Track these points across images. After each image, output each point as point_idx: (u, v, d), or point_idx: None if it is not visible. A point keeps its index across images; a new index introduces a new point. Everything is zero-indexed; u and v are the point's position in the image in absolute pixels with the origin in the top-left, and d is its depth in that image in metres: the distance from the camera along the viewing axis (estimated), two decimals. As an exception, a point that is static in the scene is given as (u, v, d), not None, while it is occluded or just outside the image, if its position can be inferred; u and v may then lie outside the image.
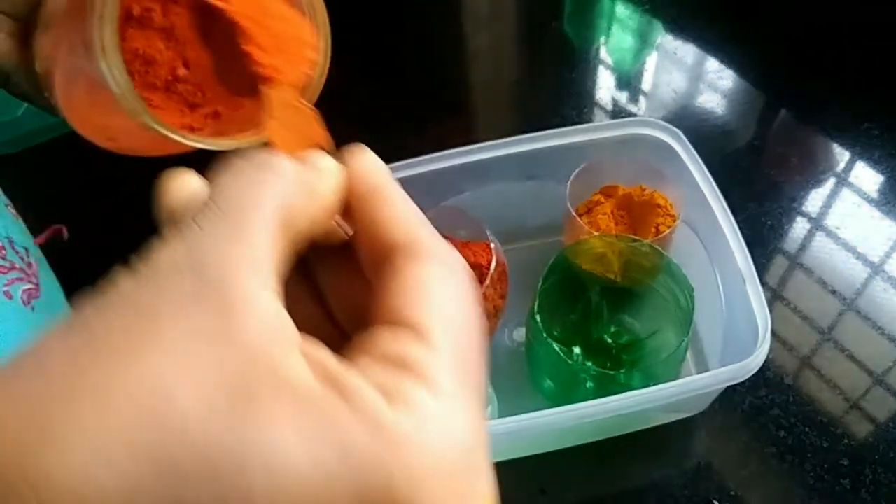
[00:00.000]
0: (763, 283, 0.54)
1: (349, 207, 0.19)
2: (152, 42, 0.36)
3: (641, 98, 0.74)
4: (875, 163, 0.64)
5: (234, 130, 0.39)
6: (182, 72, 0.38)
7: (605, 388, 0.46)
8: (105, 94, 0.30)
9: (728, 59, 0.75)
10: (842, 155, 0.66)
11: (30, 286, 0.37)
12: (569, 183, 0.52)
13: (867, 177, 0.64)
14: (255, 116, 0.39)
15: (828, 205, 0.62)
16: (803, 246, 0.60)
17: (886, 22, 0.76)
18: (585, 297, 0.54)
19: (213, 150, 0.36)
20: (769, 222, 0.61)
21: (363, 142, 0.69)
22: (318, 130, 0.27)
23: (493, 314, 0.50)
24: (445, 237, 0.50)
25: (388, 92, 0.77)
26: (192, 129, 0.38)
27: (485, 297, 0.50)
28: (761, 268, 0.59)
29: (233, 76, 0.39)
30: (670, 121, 0.53)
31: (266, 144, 0.28)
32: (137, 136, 0.37)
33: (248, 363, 0.13)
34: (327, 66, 0.39)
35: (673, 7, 0.81)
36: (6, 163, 0.75)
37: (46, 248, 0.48)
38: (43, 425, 0.12)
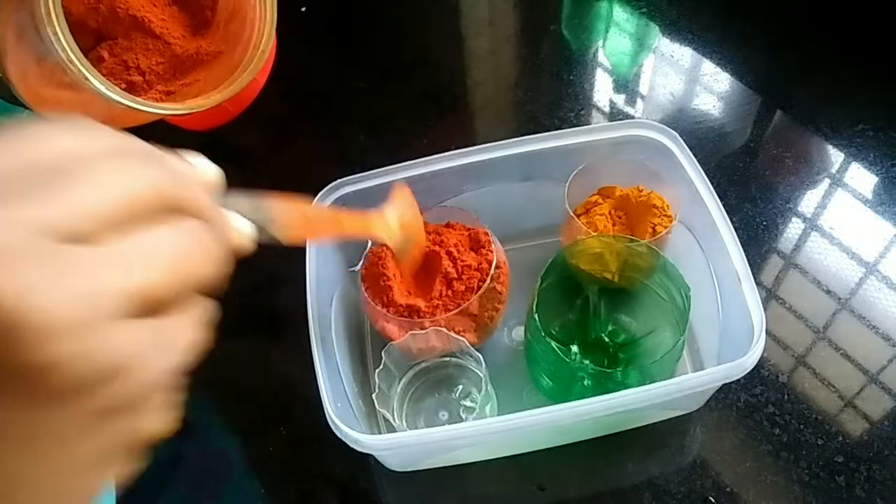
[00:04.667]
0: (758, 283, 0.55)
1: None
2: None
3: (639, 100, 0.74)
4: (870, 164, 0.65)
5: (182, 98, 0.40)
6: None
7: (603, 386, 0.47)
8: (55, 66, 0.31)
9: (724, 61, 0.75)
10: (836, 156, 0.66)
11: None
12: (567, 184, 0.53)
13: (861, 178, 0.64)
14: (203, 88, 0.40)
15: (822, 205, 0.63)
16: (798, 246, 0.61)
17: (882, 23, 0.76)
18: (583, 297, 0.54)
19: (164, 114, 0.37)
20: (764, 223, 0.62)
21: (364, 142, 0.71)
22: None
23: (493, 313, 0.51)
24: (449, 226, 0.50)
25: (389, 94, 0.78)
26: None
27: (486, 296, 0.50)
28: (756, 268, 0.59)
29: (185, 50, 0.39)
30: (667, 123, 0.54)
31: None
32: (92, 110, 0.37)
33: None
34: (272, 33, 0.41)
35: (670, 10, 0.81)
36: None
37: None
38: None
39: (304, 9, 0.87)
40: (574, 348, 0.52)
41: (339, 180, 0.53)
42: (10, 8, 0.31)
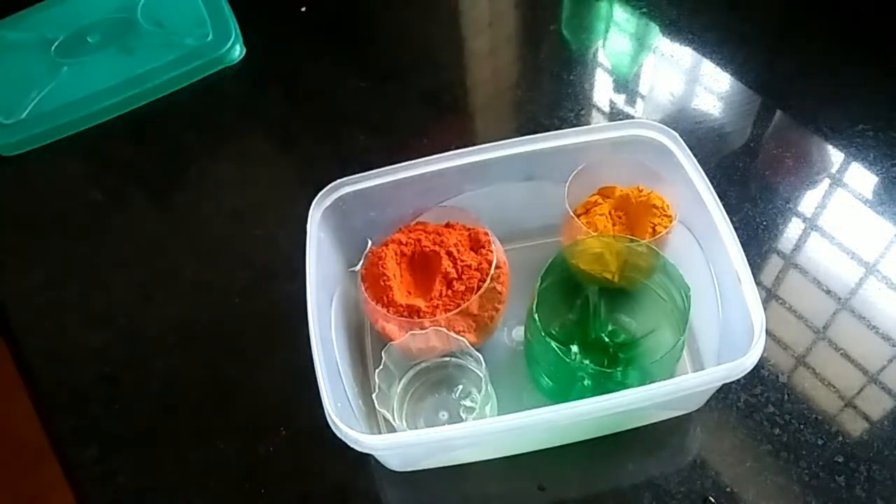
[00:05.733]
0: (758, 283, 0.55)
1: None
2: None
3: (639, 100, 0.74)
4: (870, 164, 0.65)
5: None
6: None
7: (603, 386, 0.47)
8: None
9: (724, 61, 0.75)
10: (836, 156, 0.66)
11: None
12: (567, 184, 0.53)
13: (862, 178, 0.64)
14: None
15: (822, 205, 0.63)
16: (798, 246, 0.61)
17: (883, 23, 0.76)
18: (583, 297, 0.54)
19: None
20: (764, 223, 0.62)
21: (364, 142, 0.72)
22: None
23: (493, 313, 0.51)
24: (449, 226, 0.51)
25: (389, 94, 0.78)
26: None
27: (486, 296, 0.50)
28: (756, 268, 0.59)
29: None
30: (667, 123, 0.54)
31: None
32: None
33: None
34: None
35: (670, 10, 0.81)
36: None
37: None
38: None
39: (304, 9, 0.87)
40: (574, 348, 0.52)
41: (339, 180, 0.53)
42: None
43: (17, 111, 0.77)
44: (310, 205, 0.52)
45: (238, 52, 0.81)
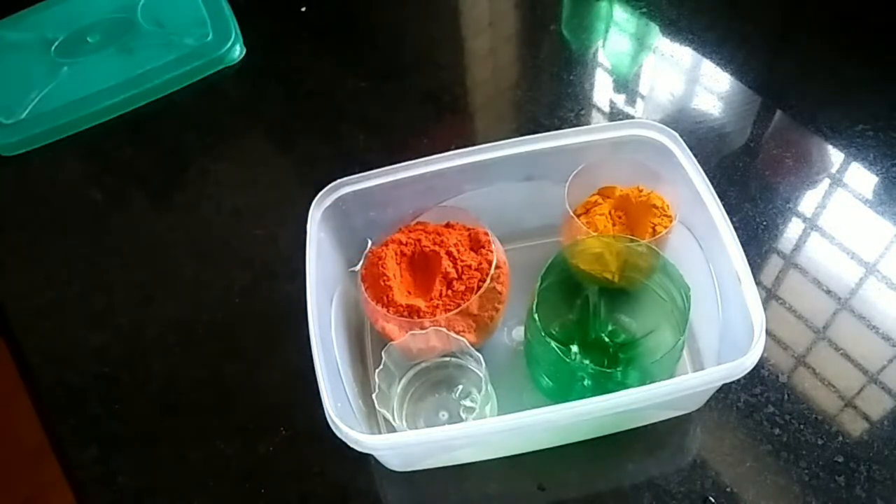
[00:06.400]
0: (758, 283, 0.55)
1: None
2: None
3: (639, 100, 0.74)
4: (870, 164, 0.65)
5: None
6: None
7: (603, 386, 0.47)
8: None
9: (725, 61, 0.75)
10: (836, 156, 0.66)
11: None
12: (567, 184, 0.53)
13: (862, 178, 0.64)
14: None
15: (822, 205, 0.63)
16: (798, 246, 0.61)
17: (883, 23, 0.76)
18: (583, 297, 0.54)
19: None
20: (764, 223, 0.62)
21: (364, 142, 0.72)
22: None
23: (493, 313, 0.51)
24: (449, 226, 0.52)
25: (389, 94, 0.78)
26: None
27: (486, 296, 0.50)
28: (756, 268, 0.59)
29: None
30: (667, 123, 0.53)
31: None
32: None
33: None
34: None
35: (670, 10, 0.81)
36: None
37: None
38: None
39: (304, 9, 0.87)
40: (574, 348, 0.52)
41: (339, 180, 0.53)
42: None
43: (17, 111, 0.77)
44: (310, 205, 0.52)
45: (238, 52, 0.81)
